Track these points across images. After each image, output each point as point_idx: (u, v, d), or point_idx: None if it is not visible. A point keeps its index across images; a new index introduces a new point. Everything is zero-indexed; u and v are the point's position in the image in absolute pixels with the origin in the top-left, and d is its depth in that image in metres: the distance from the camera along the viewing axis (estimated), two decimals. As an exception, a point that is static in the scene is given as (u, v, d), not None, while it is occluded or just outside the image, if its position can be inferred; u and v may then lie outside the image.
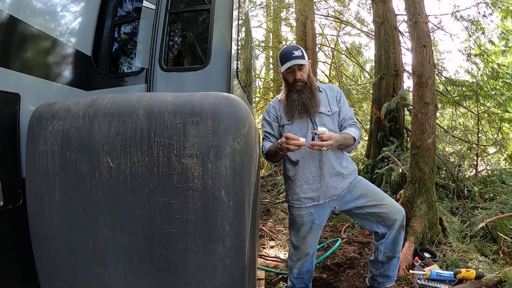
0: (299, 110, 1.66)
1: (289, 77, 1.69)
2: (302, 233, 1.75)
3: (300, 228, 1.74)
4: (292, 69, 1.65)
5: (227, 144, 0.82)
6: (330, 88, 1.82)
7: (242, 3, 2.16)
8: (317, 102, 1.67)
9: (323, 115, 1.70)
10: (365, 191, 1.71)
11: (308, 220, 1.72)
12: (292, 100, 1.66)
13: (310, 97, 1.65)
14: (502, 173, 4.21)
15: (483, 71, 5.85)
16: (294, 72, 1.65)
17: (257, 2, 9.37)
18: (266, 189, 5.39)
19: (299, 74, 1.65)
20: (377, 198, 1.69)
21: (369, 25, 7.85)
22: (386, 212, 1.67)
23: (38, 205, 0.97)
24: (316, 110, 1.67)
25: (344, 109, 1.77)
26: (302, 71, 1.66)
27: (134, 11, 1.92)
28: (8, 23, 1.06)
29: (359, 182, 1.74)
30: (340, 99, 1.77)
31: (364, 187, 1.73)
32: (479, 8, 5.58)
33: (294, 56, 1.61)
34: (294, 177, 1.72)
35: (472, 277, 2.05)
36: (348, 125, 1.71)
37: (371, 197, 1.70)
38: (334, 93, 1.78)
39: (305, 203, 1.70)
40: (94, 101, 0.94)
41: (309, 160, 1.68)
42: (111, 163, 0.87)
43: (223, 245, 0.84)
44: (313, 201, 1.69)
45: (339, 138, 1.51)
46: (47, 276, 1.01)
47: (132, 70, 1.85)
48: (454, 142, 5.39)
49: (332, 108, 1.73)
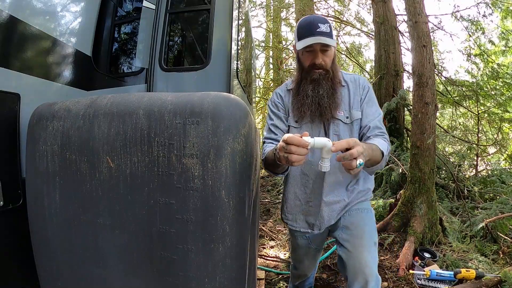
0: (312, 111, 1.21)
1: (305, 59, 1.22)
2: (298, 256, 1.51)
3: (296, 250, 1.49)
4: (313, 49, 1.18)
5: (227, 144, 0.82)
6: (355, 82, 1.29)
7: (242, 3, 2.16)
8: (337, 103, 1.22)
9: (340, 122, 1.24)
10: (353, 226, 1.25)
11: (303, 244, 1.43)
12: (304, 95, 1.21)
13: (329, 94, 1.20)
14: (502, 173, 4.21)
15: (483, 71, 5.86)
16: (315, 53, 1.18)
17: (257, 2, 9.38)
18: (266, 189, 5.39)
19: (320, 58, 1.18)
20: (355, 242, 1.20)
21: (369, 25, 7.87)
22: (349, 265, 1.18)
23: (38, 205, 0.97)
24: (333, 114, 1.22)
25: (369, 113, 1.24)
26: (325, 55, 1.19)
27: (134, 11, 1.92)
28: (8, 23, 1.06)
29: (359, 211, 1.29)
30: (365, 97, 1.27)
31: (357, 221, 1.26)
32: (479, 8, 5.59)
33: (320, 31, 1.14)
34: (294, 191, 1.34)
35: (472, 277, 2.05)
36: (373, 135, 1.20)
37: (351, 237, 1.22)
38: (360, 89, 1.28)
39: (299, 227, 1.37)
40: (94, 101, 0.94)
41: (316, 175, 1.26)
42: (111, 163, 0.87)
43: (223, 245, 0.84)
44: (308, 227, 1.35)
45: (366, 148, 0.95)
46: (47, 276, 1.01)
47: (132, 70, 1.85)
48: (454, 142, 5.39)
49: (352, 114, 1.24)
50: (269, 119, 1.34)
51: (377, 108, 1.27)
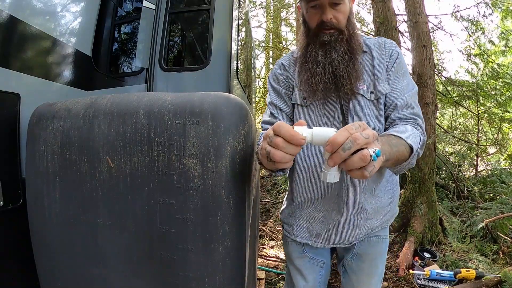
0: (325, 84, 0.91)
1: (312, 18, 0.94)
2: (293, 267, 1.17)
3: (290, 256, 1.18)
4: (320, 4, 0.90)
5: (227, 144, 0.82)
6: (380, 46, 0.98)
7: (242, 3, 2.16)
8: (357, 71, 0.92)
9: (362, 99, 0.94)
10: (367, 259, 1.03)
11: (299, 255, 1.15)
12: (314, 62, 0.92)
13: (346, 60, 0.91)
14: (502, 173, 4.22)
15: (483, 71, 5.86)
16: (323, 8, 0.90)
17: (257, 2, 9.38)
18: (266, 189, 5.39)
19: (330, 14, 0.90)
20: (363, 280, 1.06)
21: (369, 25, 7.85)
22: None
23: (38, 205, 0.97)
24: (353, 86, 0.91)
25: (397, 86, 0.93)
26: (337, 10, 0.91)
27: (134, 11, 1.93)
28: (8, 23, 1.06)
29: (380, 241, 1.04)
30: (393, 66, 0.95)
31: (373, 254, 1.04)
32: (479, 8, 5.59)
33: None
34: (298, 193, 1.05)
35: (472, 277, 2.05)
36: (402, 119, 0.89)
37: (361, 273, 1.05)
38: (386, 54, 0.96)
39: (297, 236, 1.08)
40: (94, 101, 0.94)
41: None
42: (111, 163, 0.87)
43: (223, 245, 0.84)
44: (309, 238, 1.06)
45: (386, 148, 0.65)
46: (47, 276, 1.01)
47: (132, 70, 1.85)
48: (454, 142, 5.39)
49: (378, 87, 0.93)
50: (268, 97, 1.06)
51: (409, 81, 0.95)
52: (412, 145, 0.74)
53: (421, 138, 0.83)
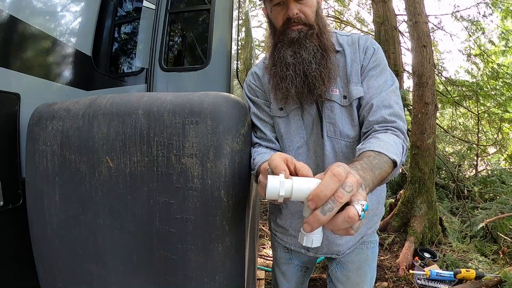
0: (296, 88, 0.84)
1: (277, 17, 0.87)
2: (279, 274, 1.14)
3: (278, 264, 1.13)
4: (283, 0, 0.83)
5: (227, 144, 0.82)
6: (353, 44, 0.88)
7: (242, 3, 2.16)
8: (330, 70, 0.84)
9: (334, 104, 0.86)
10: (353, 267, 1.00)
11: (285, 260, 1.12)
12: (283, 64, 0.84)
13: (318, 58, 0.83)
14: (502, 173, 4.22)
15: (483, 71, 5.86)
16: (288, 3, 0.83)
17: (257, 2, 9.36)
18: (266, 189, 5.38)
19: (295, 9, 0.82)
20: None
21: (369, 25, 7.86)
22: None
23: (38, 205, 0.97)
24: (327, 87, 0.84)
25: (373, 84, 0.84)
26: (303, 3, 0.83)
27: (134, 11, 1.93)
28: (8, 23, 1.07)
29: (366, 247, 1.00)
30: (368, 63, 0.86)
31: (359, 261, 1.00)
32: (479, 8, 5.60)
33: None
34: (284, 204, 0.99)
35: (472, 277, 2.05)
36: (380, 123, 0.79)
37: (348, 282, 1.01)
38: (360, 53, 0.87)
39: (291, 244, 1.04)
40: (94, 101, 0.94)
41: None
42: (111, 163, 0.87)
43: (223, 245, 0.84)
44: (302, 247, 1.03)
45: (363, 172, 0.56)
46: (47, 276, 1.01)
47: (132, 70, 1.85)
48: (454, 142, 5.40)
49: (351, 91, 0.85)
50: (250, 108, 0.97)
51: (387, 77, 0.85)
52: (396, 159, 0.68)
53: (403, 146, 0.76)
